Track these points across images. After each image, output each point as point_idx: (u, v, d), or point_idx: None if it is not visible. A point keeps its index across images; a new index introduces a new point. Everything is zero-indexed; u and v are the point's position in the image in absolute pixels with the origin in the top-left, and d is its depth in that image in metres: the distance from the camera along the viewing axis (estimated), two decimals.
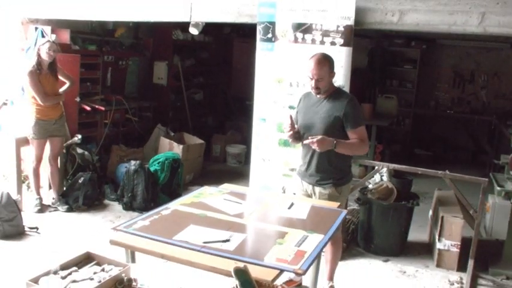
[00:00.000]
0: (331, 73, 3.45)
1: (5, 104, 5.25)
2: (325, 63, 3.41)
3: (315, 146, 3.30)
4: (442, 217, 4.52)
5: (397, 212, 4.72)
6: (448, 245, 4.52)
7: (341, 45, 4.30)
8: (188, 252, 2.44)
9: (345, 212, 3.26)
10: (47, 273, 2.72)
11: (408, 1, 4.11)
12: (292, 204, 3.26)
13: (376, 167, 5.00)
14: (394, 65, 9.46)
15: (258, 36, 4.63)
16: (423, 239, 5.21)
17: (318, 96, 3.52)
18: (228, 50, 9.94)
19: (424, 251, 4.96)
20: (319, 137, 3.31)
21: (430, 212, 5.25)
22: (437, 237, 4.56)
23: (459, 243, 4.49)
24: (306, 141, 3.37)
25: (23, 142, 5.48)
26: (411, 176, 6.17)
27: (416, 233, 5.20)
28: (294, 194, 3.85)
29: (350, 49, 4.32)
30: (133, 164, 5.72)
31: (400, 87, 9.39)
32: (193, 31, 5.18)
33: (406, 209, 4.73)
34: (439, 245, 4.54)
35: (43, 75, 5.20)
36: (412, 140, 9.32)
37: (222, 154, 8.15)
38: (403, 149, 8.99)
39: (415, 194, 5.03)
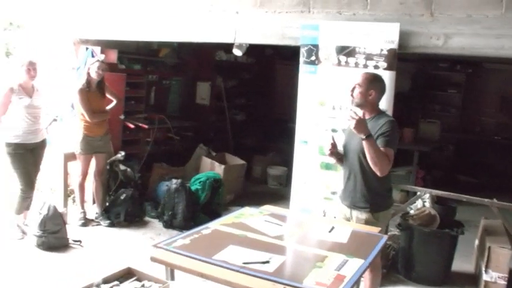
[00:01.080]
0: (370, 90, 3.44)
1: (55, 120, 5.43)
2: (371, 76, 3.52)
3: (352, 122, 3.24)
4: (489, 247, 4.36)
5: (440, 239, 4.61)
6: (495, 277, 4.35)
7: (384, 69, 4.26)
8: (227, 272, 2.44)
9: (385, 237, 3.21)
10: (89, 286, 2.78)
11: (453, 25, 4.05)
12: (332, 228, 3.23)
13: (418, 193, 4.91)
14: (438, 89, 9.33)
15: (301, 58, 4.65)
16: (468, 269, 5.05)
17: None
18: (271, 72, 10.01)
19: (469, 282, 4.79)
20: (362, 117, 3.27)
21: (476, 242, 5.09)
22: (483, 268, 4.40)
23: (507, 275, 4.31)
24: (350, 112, 3.31)
25: (70, 157, 5.66)
26: (455, 203, 6.02)
27: (461, 263, 5.03)
28: (335, 217, 3.82)
29: (393, 73, 4.28)
30: (174, 183, 5.78)
31: (443, 112, 9.24)
32: (237, 52, 5.25)
33: (450, 237, 4.61)
34: (485, 277, 4.38)
35: (91, 93, 5.38)
36: (455, 166, 9.10)
37: (263, 175, 8.16)
38: (445, 175, 8.79)
39: (459, 222, 4.90)
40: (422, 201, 5.46)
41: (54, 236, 4.82)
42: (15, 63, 5.17)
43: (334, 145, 3.54)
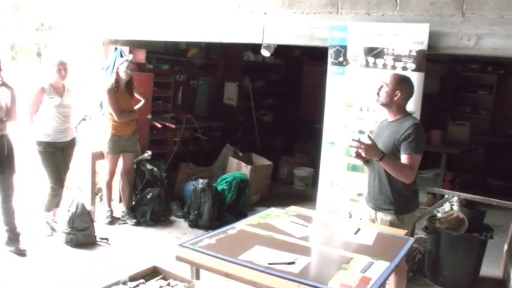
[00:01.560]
0: (397, 91, 3.42)
1: (84, 119, 5.52)
2: (398, 77, 3.51)
3: (361, 150, 3.27)
4: None
5: (468, 243, 4.53)
6: None
7: (413, 70, 4.21)
8: (253, 272, 2.45)
9: (412, 240, 3.17)
10: (116, 283, 2.81)
11: (485, 25, 3.97)
12: (358, 230, 3.22)
13: (446, 196, 4.83)
14: (468, 91, 9.16)
15: (329, 59, 4.63)
16: (497, 274, 4.95)
17: (389, 120, 3.52)
18: (298, 73, 9.99)
19: (497, 287, 4.70)
20: (369, 142, 3.27)
21: (505, 246, 5.00)
22: None
23: None
24: (352, 142, 3.32)
25: (98, 156, 5.73)
26: (484, 207, 5.91)
27: (489, 268, 4.94)
28: (360, 219, 3.79)
29: (422, 74, 4.22)
30: (201, 183, 5.81)
31: (473, 114, 9.06)
32: (265, 53, 5.25)
33: (478, 241, 4.53)
34: None
35: (120, 92, 5.44)
36: (485, 169, 8.93)
37: (289, 176, 8.15)
38: (474, 178, 8.64)
39: (488, 226, 4.81)
40: (450, 204, 5.38)
41: (82, 233, 4.90)
42: (47, 63, 5.26)
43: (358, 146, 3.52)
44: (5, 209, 4.58)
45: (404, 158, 3.32)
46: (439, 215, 4.91)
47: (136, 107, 5.70)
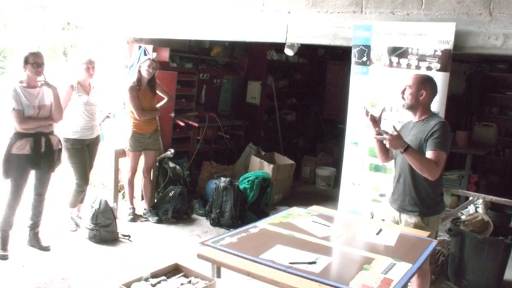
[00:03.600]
0: (421, 90, 3.38)
1: (108, 117, 5.58)
2: (420, 77, 3.45)
3: (386, 141, 3.23)
4: None
5: (493, 247, 4.45)
6: None
7: (437, 70, 4.14)
8: (274, 271, 2.44)
9: (435, 242, 3.13)
10: (138, 280, 2.86)
11: None
12: (380, 230, 3.19)
13: (471, 198, 4.76)
14: (495, 92, 9.01)
15: (353, 59, 4.60)
16: None
17: (414, 121, 3.48)
18: (322, 72, 9.95)
19: None
20: (395, 133, 3.23)
21: None
22: None
23: None
24: (377, 136, 3.32)
25: (121, 153, 5.79)
26: (510, 210, 5.82)
27: None
28: (383, 220, 3.76)
29: (447, 74, 4.16)
30: (223, 181, 5.83)
31: (500, 115, 8.91)
32: (289, 52, 5.25)
33: (504, 245, 4.44)
34: None
35: (142, 91, 5.47)
36: None
37: (312, 176, 8.13)
38: (501, 181, 8.49)
39: None
40: (475, 207, 5.31)
41: (105, 230, 4.95)
42: (75, 62, 5.33)
43: (373, 119, 3.49)
44: (34, 205, 4.64)
45: (429, 154, 3.26)
46: (463, 217, 4.84)
47: (158, 105, 5.72)
